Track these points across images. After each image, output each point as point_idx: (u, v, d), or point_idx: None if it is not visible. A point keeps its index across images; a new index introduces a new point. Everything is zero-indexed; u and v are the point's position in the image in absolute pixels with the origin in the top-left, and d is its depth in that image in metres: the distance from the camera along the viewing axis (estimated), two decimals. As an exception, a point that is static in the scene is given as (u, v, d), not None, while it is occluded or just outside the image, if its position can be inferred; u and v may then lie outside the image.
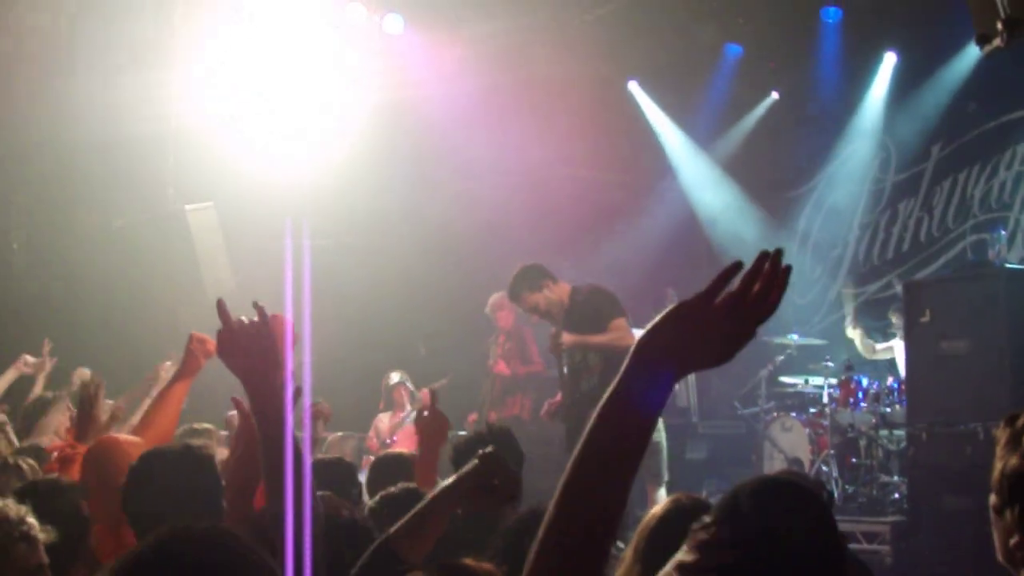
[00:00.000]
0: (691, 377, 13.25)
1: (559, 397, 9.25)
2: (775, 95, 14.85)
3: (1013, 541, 2.45)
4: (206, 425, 6.93)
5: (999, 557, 2.55)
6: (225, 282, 11.92)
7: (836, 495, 10.58)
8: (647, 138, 15.09)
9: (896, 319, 11.51)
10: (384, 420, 12.35)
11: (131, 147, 11.90)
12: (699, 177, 15.32)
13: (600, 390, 8.49)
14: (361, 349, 12.90)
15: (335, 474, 5.38)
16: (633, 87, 14.98)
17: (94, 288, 12.11)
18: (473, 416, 11.98)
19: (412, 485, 4.78)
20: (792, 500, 2.48)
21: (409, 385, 12.41)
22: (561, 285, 9.15)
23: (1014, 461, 2.51)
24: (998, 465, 2.54)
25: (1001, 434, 2.57)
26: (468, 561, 2.61)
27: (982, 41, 7.45)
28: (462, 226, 13.58)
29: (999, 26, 7.09)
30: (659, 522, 3.49)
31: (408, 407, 12.19)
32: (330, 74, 12.97)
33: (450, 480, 3.55)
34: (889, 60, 13.74)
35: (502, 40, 13.10)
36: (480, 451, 3.53)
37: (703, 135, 15.09)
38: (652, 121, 15.08)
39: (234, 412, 5.97)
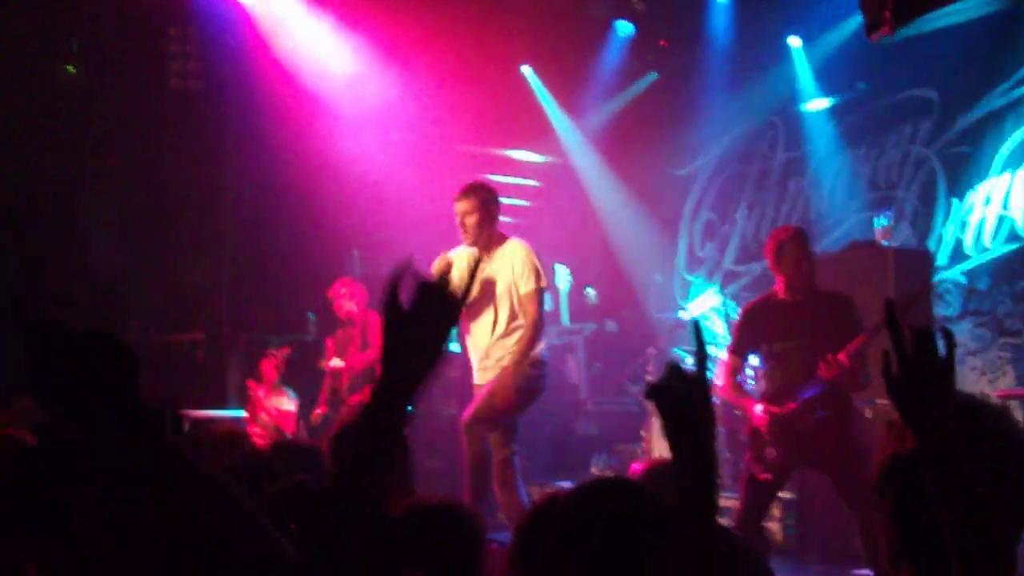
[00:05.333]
0: (580, 354, 13.29)
1: None
2: (655, 75, 14.90)
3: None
4: None
5: None
6: None
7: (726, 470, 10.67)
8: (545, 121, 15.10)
9: None
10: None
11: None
12: (590, 158, 15.36)
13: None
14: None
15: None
16: (526, 71, 14.91)
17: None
18: (319, 410, 11.65)
19: None
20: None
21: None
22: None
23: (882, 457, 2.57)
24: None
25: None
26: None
27: (871, 29, 7.52)
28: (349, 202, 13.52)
29: (886, 15, 7.17)
30: (532, 521, 3.50)
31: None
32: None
33: None
34: (780, 37, 13.80)
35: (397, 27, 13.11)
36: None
37: (593, 115, 15.12)
38: (545, 106, 15.04)
39: None
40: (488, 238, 8.72)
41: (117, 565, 2.41)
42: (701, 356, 2.47)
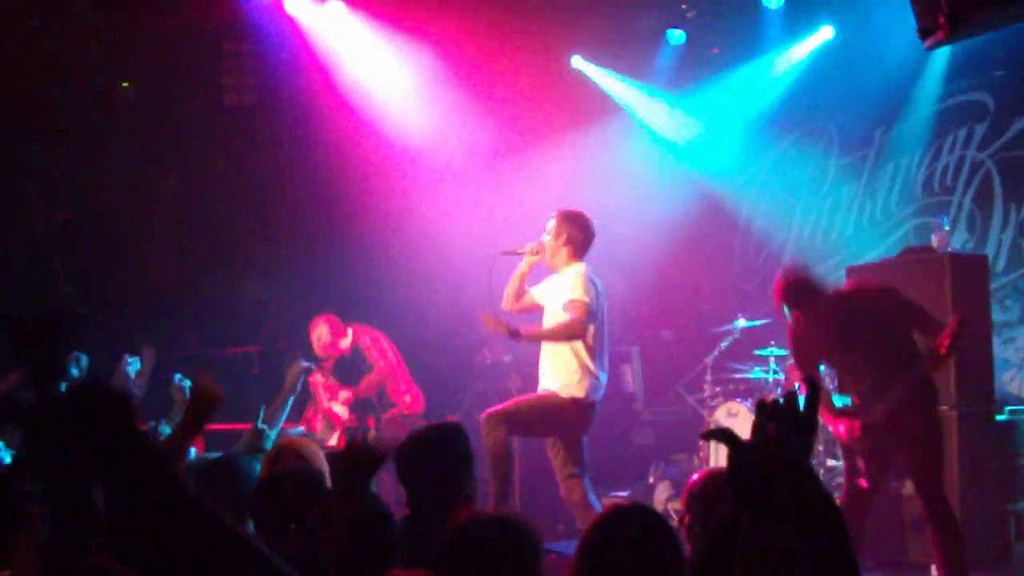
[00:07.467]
0: (636, 363, 13.26)
1: None
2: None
3: None
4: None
5: None
6: None
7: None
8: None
9: None
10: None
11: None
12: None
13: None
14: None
15: None
16: (577, 61, 14.69)
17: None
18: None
19: None
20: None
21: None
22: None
23: None
24: None
25: None
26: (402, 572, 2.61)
27: (924, 34, 7.49)
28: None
29: (940, 20, 7.13)
30: (601, 530, 3.50)
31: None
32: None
33: None
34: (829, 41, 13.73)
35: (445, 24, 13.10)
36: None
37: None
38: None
39: None
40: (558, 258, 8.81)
41: None
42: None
